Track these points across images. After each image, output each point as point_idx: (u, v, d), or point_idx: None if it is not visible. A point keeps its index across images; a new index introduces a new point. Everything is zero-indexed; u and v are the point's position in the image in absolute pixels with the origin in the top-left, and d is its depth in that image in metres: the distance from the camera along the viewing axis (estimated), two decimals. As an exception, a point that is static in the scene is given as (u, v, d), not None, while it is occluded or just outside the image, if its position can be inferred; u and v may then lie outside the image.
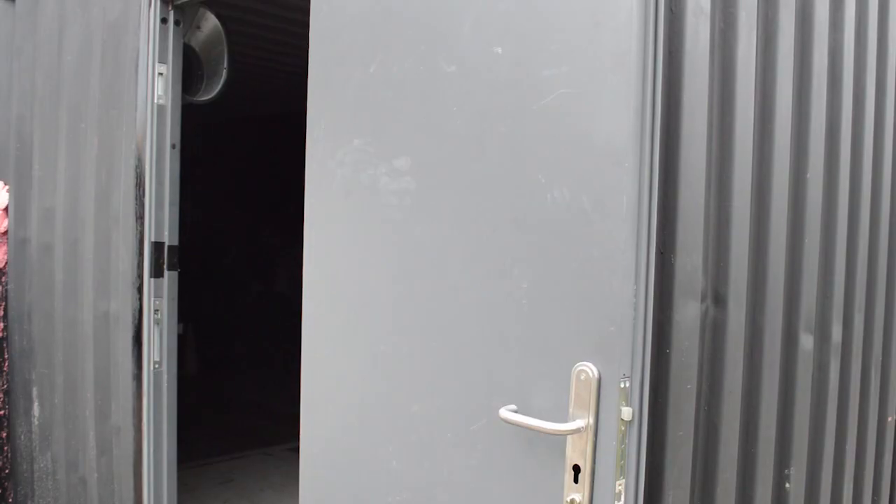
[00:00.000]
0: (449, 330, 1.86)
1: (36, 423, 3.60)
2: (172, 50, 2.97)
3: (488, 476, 1.80)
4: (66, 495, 3.45)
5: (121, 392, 3.06)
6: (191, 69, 3.32)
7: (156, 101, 2.91)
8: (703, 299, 1.79)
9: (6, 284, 3.72)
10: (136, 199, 2.94)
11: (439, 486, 1.89)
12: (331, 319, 2.13)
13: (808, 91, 1.96)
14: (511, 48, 1.73)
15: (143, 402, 2.95)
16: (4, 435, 3.80)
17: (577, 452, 1.64)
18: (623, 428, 1.60)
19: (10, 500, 3.82)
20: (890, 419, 2.32)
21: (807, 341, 1.99)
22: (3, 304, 3.74)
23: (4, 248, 3.72)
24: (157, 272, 2.96)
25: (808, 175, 1.96)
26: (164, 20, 2.93)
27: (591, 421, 1.62)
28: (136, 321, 2.98)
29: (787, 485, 1.98)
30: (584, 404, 1.62)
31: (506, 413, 1.71)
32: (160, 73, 2.93)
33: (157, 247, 2.96)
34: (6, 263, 3.72)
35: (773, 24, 1.89)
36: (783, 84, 1.90)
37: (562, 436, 1.65)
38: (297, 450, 2.24)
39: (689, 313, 1.77)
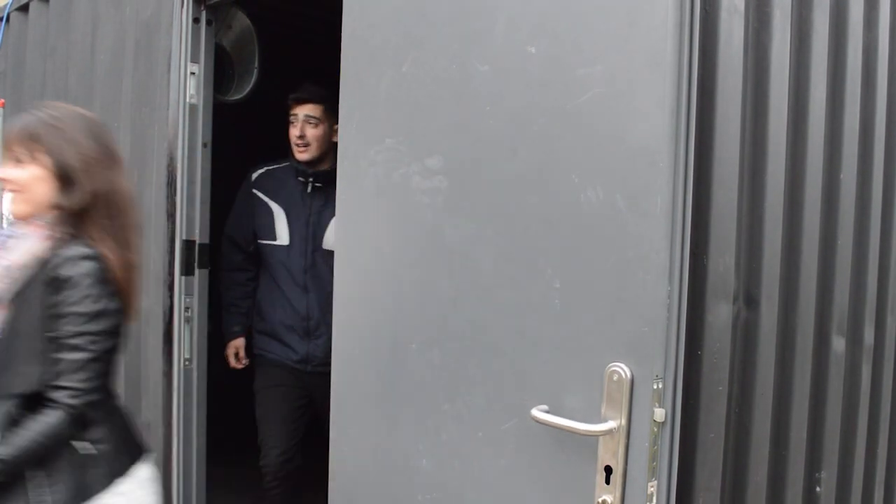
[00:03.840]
0: (480, 329, 1.86)
1: (67, 417, 3.63)
2: (205, 49, 3.00)
3: (519, 476, 1.80)
4: (96, 489, 3.48)
5: (151, 389, 3.08)
6: (222, 68, 3.35)
7: (188, 100, 2.94)
8: (735, 300, 1.78)
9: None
10: (168, 197, 2.97)
11: (469, 486, 1.89)
12: (362, 317, 2.14)
13: (841, 91, 1.94)
14: (545, 47, 1.73)
15: (173, 399, 2.98)
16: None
17: (608, 453, 1.64)
18: (655, 429, 1.60)
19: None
20: None
21: (839, 343, 1.97)
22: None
23: (37, 245, 3.75)
24: (187, 270, 2.99)
25: (842, 175, 1.94)
26: (196, 20, 2.96)
27: (624, 422, 1.61)
28: (167, 319, 3.01)
29: (818, 488, 1.96)
30: (617, 405, 1.61)
31: (537, 413, 1.70)
32: (192, 73, 2.95)
33: (189, 245, 2.99)
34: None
35: (807, 23, 1.87)
36: (817, 83, 1.88)
37: (594, 436, 1.65)
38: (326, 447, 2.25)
39: (721, 314, 1.76)
